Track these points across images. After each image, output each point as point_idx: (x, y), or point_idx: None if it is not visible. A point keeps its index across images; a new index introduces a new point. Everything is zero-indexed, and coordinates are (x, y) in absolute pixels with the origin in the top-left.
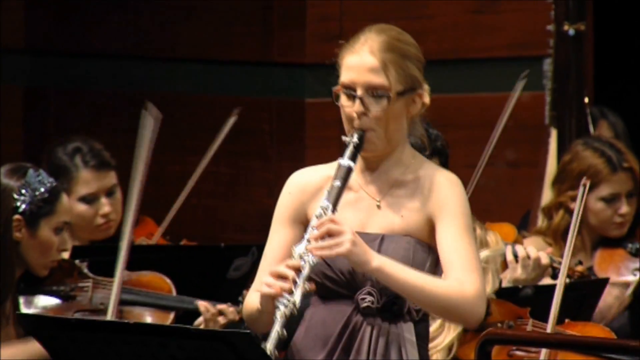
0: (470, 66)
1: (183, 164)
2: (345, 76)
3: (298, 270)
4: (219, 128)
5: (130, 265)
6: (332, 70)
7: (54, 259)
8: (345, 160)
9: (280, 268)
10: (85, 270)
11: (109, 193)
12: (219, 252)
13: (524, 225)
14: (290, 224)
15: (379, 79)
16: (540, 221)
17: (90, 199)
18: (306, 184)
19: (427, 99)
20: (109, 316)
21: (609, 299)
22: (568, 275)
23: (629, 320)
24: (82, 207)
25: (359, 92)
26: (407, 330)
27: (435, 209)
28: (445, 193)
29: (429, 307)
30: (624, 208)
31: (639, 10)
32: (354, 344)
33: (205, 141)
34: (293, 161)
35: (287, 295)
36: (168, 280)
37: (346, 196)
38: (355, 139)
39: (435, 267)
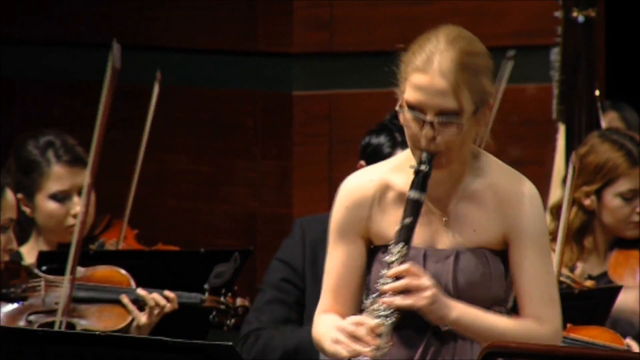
0: None
1: (161, 162)
2: (412, 95)
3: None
4: (200, 123)
5: None
6: (321, 60)
7: None
8: (415, 193)
9: (355, 329)
10: (35, 270)
11: (82, 192)
12: (198, 258)
13: None
14: (350, 239)
15: (451, 104)
16: (549, 222)
17: (61, 197)
18: (361, 195)
19: (489, 112)
20: (59, 317)
21: (631, 303)
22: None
23: None
24: (52, 206)
25: (429, 117)
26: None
27: (512, 229)
28: (525, 212)
29: None
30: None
31: None
32: None
33: (185, 138)
34: (279, 159)
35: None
36: (124, 272)
37: None
38: (423, 167)
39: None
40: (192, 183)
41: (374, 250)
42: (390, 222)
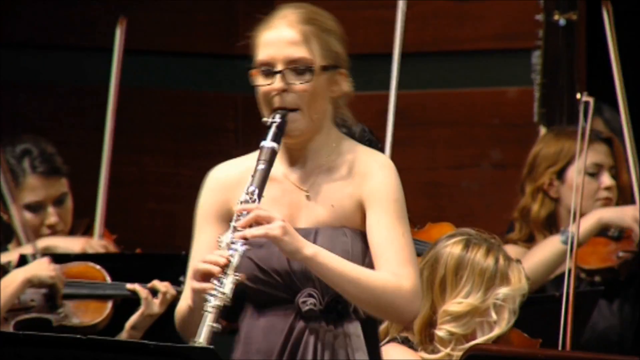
0: (453, 59)
1: (139, 165)
2: (262, 54)
3: (227, 261)
4: (181, 126)
5: None
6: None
7: None
8: (268, 142)
9: (207, 257)
10: (10, 269)
11: (58, 201)
12: (180, 261)
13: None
14: (216, 222)
15: (300, 52)
16: (518, 228)
17: (35, 207)
18: (227, 178)
19: (347, 85)
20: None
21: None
22: None
23: (619, 321)
24: (26, 216)
25: (279, 67)
26: (354, 330)
27: (366, 196)
28: (377, 178)
29: (363, 302)
30: (608, 180)
31: None
32: (297, 354)
33: (165, 141)
34: None
35: (217, 286)
36: (99, 268)
37: (270, 189)
38: (277, 118)
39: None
40: (173, 186)
41: None
42: None
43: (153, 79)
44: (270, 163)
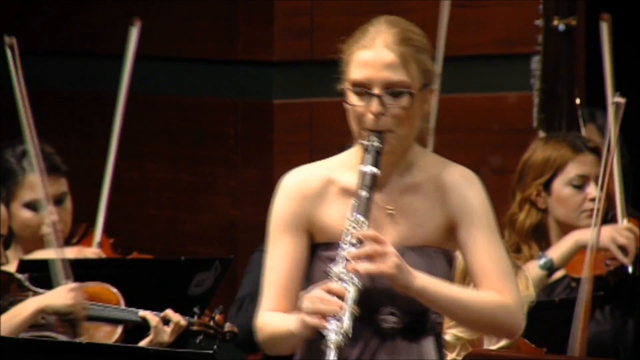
0: (454, 64)
1: (142, 171)
2: (357, 73)
3: (341, 296)
4: (181, 131)
5: (78, 281)
6: (302, 68)
7: None
8: (368, 168)
9: (322, 294)
10: (26, 283)
11: (58, 201)
12: (179, 267)
13: None
14: (294, 232)
15: (399, 75)
16: (507, 236)
17: (35, 206)
18: (307, 189)
19: (432, 97)
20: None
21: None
22: None
23: (611, 327)
24: (26, 214)
25: (377, 90)
26: (428, 346)
27: (456, 213)
28: (465, 193)
29: (473, 323)
30: (594, 192)
31: (633, 3)
32: None
33: (166, 147)
34: (260, 168)
35: (335, 323)
36: (115, 291)
37: (349, 203)
38: (376, 142)
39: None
40: (173, 192)
41: (314, 248)
42: (333, 217)
43: (153, 85)
44: (372, 189)
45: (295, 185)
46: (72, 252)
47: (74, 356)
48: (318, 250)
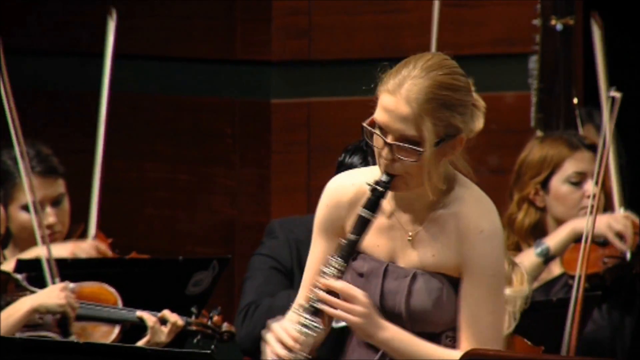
0: None
1: (139, 171)
2: (379, 115)
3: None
4: (179, 131)
5: (76, 281)
6: (300, 67)
7: None
8: (365, 212)
9: (279, 334)
10: (24, 283)
11: (56, 202)
12: (177, 266)
13: None
14: (327, 237)
15: (410, 131)
16: (505, 236)
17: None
18: (341, 196)
19: (460, 146)
20: None
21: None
22: None
23: (609, 326)
24: (24, 216)
25: (390, 139)
26: None
27: (464, 262)
28: (479, 248)
29: None
30: (592, 189)
31: (631, 2)
32: None
33: (163, 146)
34: (258, 167)
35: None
36: (113, 291)
37: (379, 221)
38: (379, 187)
39: None
40: (171, 191)
41: None
42: None
43: (151, 84)
44: (361, 234)
45: (331, 192)
46: (68, 247)
47: (71, 356)
48: None
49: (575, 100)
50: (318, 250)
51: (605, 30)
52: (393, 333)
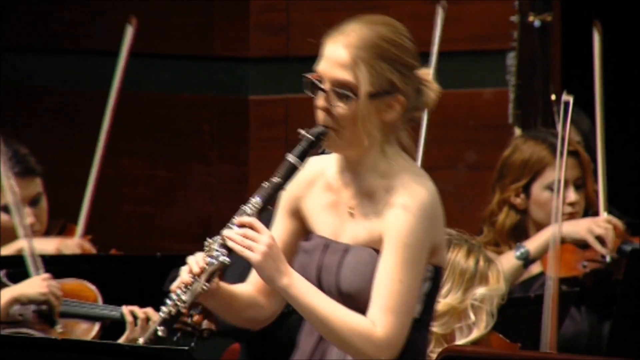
0: (429, 60)
1: (117, 167)
2: (318, 64)
3: (200, 270)
4: (157, 128)
5: (55, 277)
6: (278, 64)
7: None
8: (292, 157)
9: (188, 260)
10: (4, 279)
11: (33, 202)
12: (155, 263)
13: None
14: (286, 216)
15: (346, 76)
16: (485, 232)
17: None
18: (303, 176)
19: (401, 109)
20: None
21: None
22: None
23: (588, 325)
24: (3, 217)
25: (326, 85)
26: None
27: (385, 231)
28: (397, 217)
29: (331, 340)
30: (573, 196)
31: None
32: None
33: (141, 143)
34: (236, 164)
35: (181, 292)
36: (93, 288)
37: (327, 197)
38: (310, 135)
39: None
40: (149, 188)
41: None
42: (312, 208)
43: (129, 81)
44: (286, 179)
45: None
46: (53, 243)
47: (51, 352)
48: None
49: (552, 97)
50: (277, 229)
51: (585, 26)
52: (294, 281)
